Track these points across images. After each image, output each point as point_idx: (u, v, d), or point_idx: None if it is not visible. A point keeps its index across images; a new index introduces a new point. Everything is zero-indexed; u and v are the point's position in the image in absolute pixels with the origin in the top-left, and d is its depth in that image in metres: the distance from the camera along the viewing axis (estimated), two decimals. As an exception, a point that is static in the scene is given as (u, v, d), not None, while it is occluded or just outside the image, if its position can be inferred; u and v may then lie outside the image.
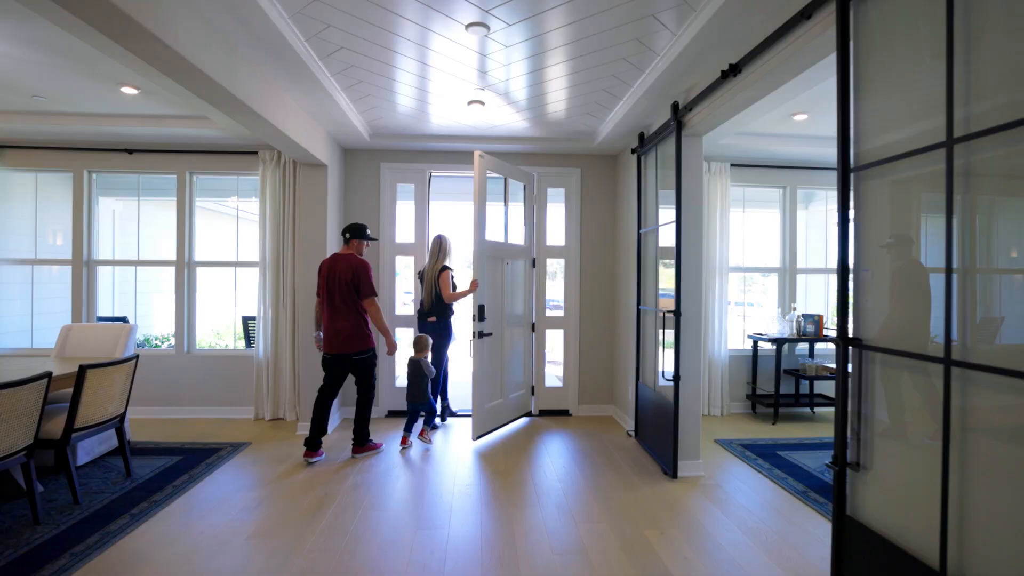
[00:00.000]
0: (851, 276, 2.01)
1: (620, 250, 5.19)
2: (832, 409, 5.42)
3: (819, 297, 6.03)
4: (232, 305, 6.07)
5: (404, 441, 4.32)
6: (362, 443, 4.15)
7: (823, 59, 2.45)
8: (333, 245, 4.82)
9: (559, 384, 5.44)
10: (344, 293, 3.98)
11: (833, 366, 5.41)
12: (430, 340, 4.58)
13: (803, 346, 5.52)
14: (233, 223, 5.28)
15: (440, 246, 4.80)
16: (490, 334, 4.60)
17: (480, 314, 4.46)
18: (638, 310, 4.45)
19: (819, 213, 5.98)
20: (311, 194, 4.64)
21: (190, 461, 3.91)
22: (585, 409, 5.38)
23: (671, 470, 3.65)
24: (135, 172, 5.16)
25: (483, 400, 4.54)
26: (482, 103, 4.06)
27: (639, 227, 4.47)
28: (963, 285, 1.59)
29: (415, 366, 4.37)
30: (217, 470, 3.77)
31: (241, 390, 5.18)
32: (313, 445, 3.97)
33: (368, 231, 4.17)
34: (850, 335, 2.00)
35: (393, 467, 3.90)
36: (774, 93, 2.88)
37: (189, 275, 5.19)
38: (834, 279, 5.98)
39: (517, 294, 5.11)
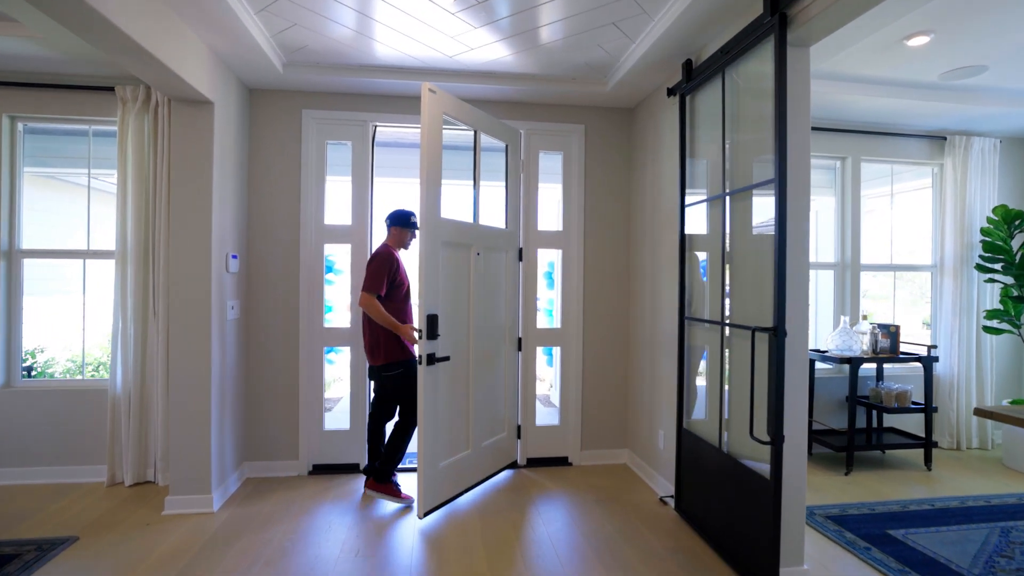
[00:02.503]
0: None
1: (638, 236, 3.77)
2: (915, 451, 4.13)
3: (876, 301, 4.76)
4: (88, 313, 4.34)
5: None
6: (383, 479, 3.25)
7: None
8: (230, 227, 3.22)
9: (554, 422, 3.97)
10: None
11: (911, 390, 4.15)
12: None
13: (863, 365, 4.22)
14: (83, 197, 3.62)
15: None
16: (447, 358, 3.11)
17: (431, 329, 2.97)
18: (682, 322, 3.02)
19: (882, 196, 4.69)
20: (189, 147, 3.03)
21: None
22: (590, 456, 3.93)
23: (764, 587, 2.23)
24: (-76, 114, 3.43)
25: (435, 456, 3.06)
26: (451, 13, 2.56)
27: (683, 200, 3.04)
28: None
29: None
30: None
31: (95, 439, 3.51)
32: (382, 476, 3.24)
33: (413, 218, 3.37)
34: None
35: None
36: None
37: (10, 270, 3.48)
38: (898, 279, 4.74)
39: (496, 298, 3.62)
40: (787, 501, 2.28)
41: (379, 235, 3.75)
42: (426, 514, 2.97)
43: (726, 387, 2.62)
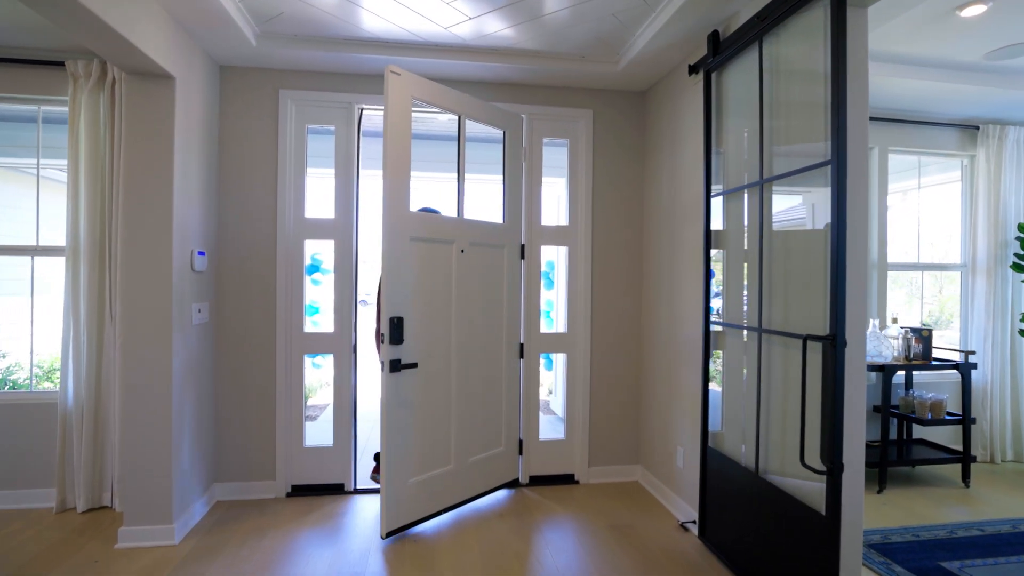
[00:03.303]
0: None
1: (653, 232, 3.43)
2: (949, 466, 3.81)
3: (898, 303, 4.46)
4: (39, 315, 3.93)
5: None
6: None
7: None
8: (196, 220, 2.84)
9: (559, 435, 3.62)
10: None
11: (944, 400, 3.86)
12: None
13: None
14: (32, 187, 3.22)
15: None
16: (413, 365, 2.78)
17: (395, 333, 2.67)
18: (708, 327, 2.68)
19: (907, 190, 4.38)
20: (146, 128, 2.64)
21: None
22: (599, 473, 3.58)
23: (817, 641, 1.89)
24: None
25: (402, 470, 2.77)
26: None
27: (708, 191, 2.70)
28: None
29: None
30: None
31: (43, 459, 3.11)
32: None
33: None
34: None
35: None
36: None
37: (-54, 268, 3.08)
38: (924, 278, 4.45)
39: (490, 299, 3.29)
40: (850, 537, 1.95)
41: (366, 231, 3.36)
42: (390, 534, 2.64)
43: (763, 402, 2.28)
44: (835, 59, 1.85)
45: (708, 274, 2.70)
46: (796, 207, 2.20)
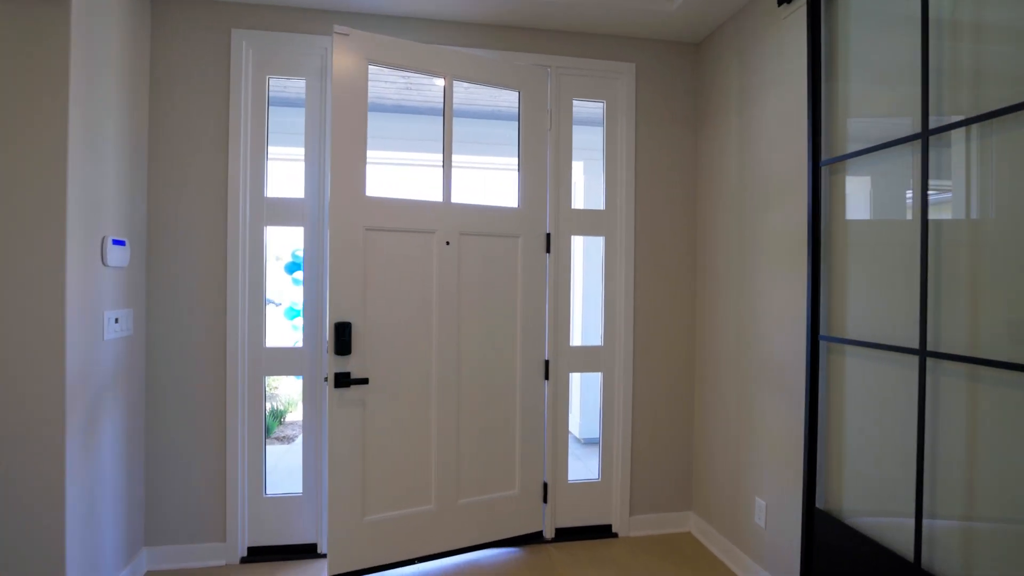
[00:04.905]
0: None
1: (712, 218, 2.69)
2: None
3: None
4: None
5: None
6: None
7: None
8: (110, 197, 2.07)
9: (592, 476, 2.88)
10: None
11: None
12: None
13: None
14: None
15: None
16: (364, 381, 2.21)
17: (340, 341, 2.20)
18: (815, 344, 1.94)
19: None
20: (26, 64, 1.87)
21: None
22: (643, 523, 2.83)
23: None
24: None
25: (354, 504, 2.29)
26: None
27: (815, 155, 1.96)
28: None
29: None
30: None
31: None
32: None
33: None
34: None
35: None
36: None
37: None
38: None
39: (495, 302, 2.58)
40: None
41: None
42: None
43: (927, 458, 1.54)
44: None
45: (817, 271, 1.96)
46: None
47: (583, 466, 3.88)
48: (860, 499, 1.79)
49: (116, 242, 2.13)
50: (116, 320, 2.15)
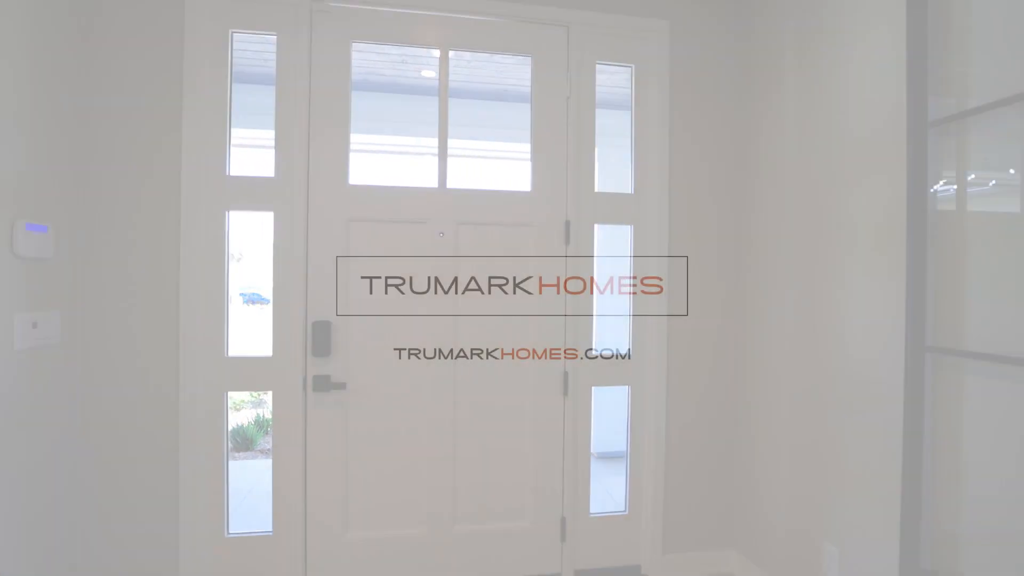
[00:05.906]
0: None
1: (764, 201, 2.26)
2: None
3: None
4: None
5: None
6: None
7: None
8: (24, 170, 1.64)
9: (618, 508, 2.45)
10: None
11: None
12: None
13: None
14: None
15: None
16: (342, 385, 2.02)
17: (318, 342, 2.03)
18: (915, 355, 1.51)
19: None
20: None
21: None
22: (678, 563, 2.40)
23: None
24: None
25: (333, 517, 2.03)
26: None
27: (918, 112, 1.53)
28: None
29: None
30: None
31: None
32: None
33: None
34: None
35: None
36: None
37: None
38: None
39: (505, 306, 2.20)
40: None
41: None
42: None
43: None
44: None
45: (918, 265, 1.53)
46: None
47: (600, 485, 3.44)
48: (981, 562, 1.37)
49: (33, 227, 1.70)
50: (34, 325, 1.72)
